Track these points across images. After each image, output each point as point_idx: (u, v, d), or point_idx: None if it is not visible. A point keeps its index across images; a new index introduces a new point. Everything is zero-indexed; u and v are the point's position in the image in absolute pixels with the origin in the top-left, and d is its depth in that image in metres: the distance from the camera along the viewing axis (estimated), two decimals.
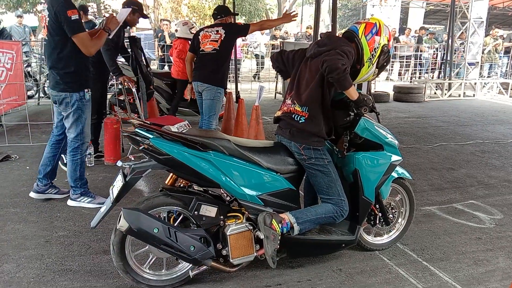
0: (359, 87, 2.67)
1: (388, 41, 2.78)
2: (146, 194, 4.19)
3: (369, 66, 2.77)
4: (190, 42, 6.94)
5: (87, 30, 3.63)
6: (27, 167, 4.91)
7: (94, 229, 3.37)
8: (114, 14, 3.94)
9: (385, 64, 2.85)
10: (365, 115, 2.82)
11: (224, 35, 4.73)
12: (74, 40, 3.44)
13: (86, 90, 3.65)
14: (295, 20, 5.00)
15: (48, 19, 3.48)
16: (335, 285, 2.76)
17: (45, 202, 3.91)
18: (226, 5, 5.87)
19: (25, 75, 8.69)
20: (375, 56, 2.75)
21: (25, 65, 8.92)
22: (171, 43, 9.13)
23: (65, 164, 4.45)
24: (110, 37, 3.87)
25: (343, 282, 2.80)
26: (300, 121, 2.70)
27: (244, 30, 4.87)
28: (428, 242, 3.39)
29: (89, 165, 4.95)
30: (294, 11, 5.04)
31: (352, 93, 2.60)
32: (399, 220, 3.28)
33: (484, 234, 3.56)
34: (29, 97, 9.06)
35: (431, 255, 3.19)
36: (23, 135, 6.24)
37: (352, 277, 2.86)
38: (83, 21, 8.30)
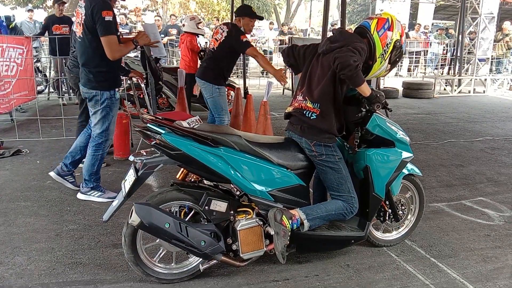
0: (368, 82, 2.66)
1: (401, 36, 2.75)
2: (155, 188, 4.22)
3: (381, 62, 2.75)
4: (197, 36, 6.99)
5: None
6: (38, 161, 4.97)
7: (106, 223, 3.43)
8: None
9: (397, 59, 2.83)
10: (377, 111, 2.81)
11: (223, 38, 4.69)
12: (102, 41, 3.45)
13: (116, 89, 3.72)
14: (283, 83, 4.80)
15: (84, 17, 3.49)
16: (343, 281, 2.77)
17: (55, 196, 3.96)
18: (247, 4, 5.56)
19: (34, 70, 8.77)
20: (387, 52, 2.73)
21: (34, 60, 8.98)
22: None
23: None
24: (135, 49, 3.89)
25: (350, 278, 2.80)
26: (311, 118, 2.69)
27: (240, 46, 4.60)
28: (436, 238, 3.38)
29: None
30: (287, 77, 4.80)
31: (365, 89, 2.59)
32: (409, 216, 3.27)
33: (493, 231, 3.54)
34: (38, 92, 9.14)
35: (439, 251, 3.18)
36: (33, 129, 6.31)
37: (360, 273, 2.86)
38: (57, 15, 8.39)
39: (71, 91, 8.09)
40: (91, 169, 3.81)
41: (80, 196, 3.90)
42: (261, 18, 5.15)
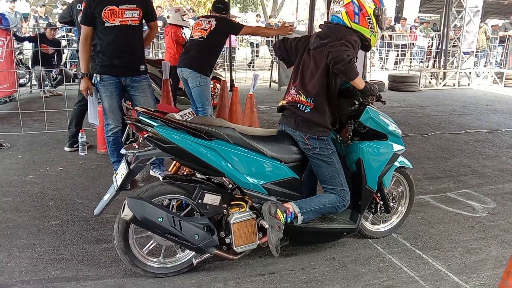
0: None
1: (374, 1, 2.68)
2: (140, 182, 4.16)
3: (375, 35, 2.74)
4: (181, 28, 6.91)
5: None
6: (19, 156, 4.86)
7: (90, 218, 3.38)
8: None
9: (384, 20, 2.78)
10: (371, 104, 2.79)
11: (214, 26, 4.74)
12: None
13: (97, 75, 3.77)
14: (292, 33, 4.86)
15: None
16: (329, 274, 2.76)
17: (37, 191, 3.88)
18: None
19: (17, 62, 8.58)
20: (373, 26, 2.69)
21: (17, 53, 8.80)
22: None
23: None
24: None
25: (336, 271, 2.80)
26: (305, 111, 2.67)
27: (236, 28, 4.84)
28: (421, 231, 3.40)
29: (81, 153, 4.92)
30: (293, 23, 4.98)
31: (359, 83, 2.57)
32: (400, 208, 3.29)
33: (477, 223, 3.57)
34: (21, 85, 8.96)
35: (424, 244, 3.20)
36: (15, 123, 6.17)
37: (346, 266, 2.86)
38: (48, 38, 8.45)
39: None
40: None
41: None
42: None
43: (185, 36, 7.16)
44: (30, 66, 9.38)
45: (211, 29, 4.72)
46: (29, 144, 5.30)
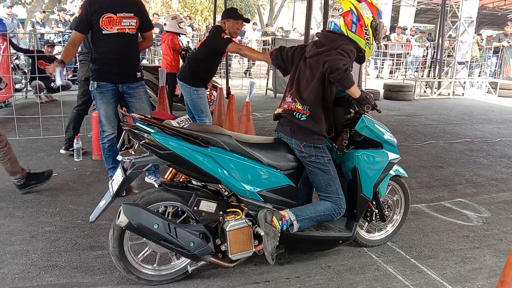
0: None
1: (373, 15, 2.71)
2: (135, 189, 4.15)
3: (370, 47, 2.76)
4: (178, 36, 6.93)
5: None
6: None
7: (84, 225, 3.36)
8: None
9: (381, 33, 2.81)
10: (366, 113, 2.80)
11: (205, 39, 4.59)
12: None
13: (93, 82, 3.79)
14: None
15: None
16: (324, 282, 2.76)
17: (31, 197, 3.86)
18: (233, 7, 5.45)
19: (13, 67, 8.58)
20: (369, 37, 2.72)
21: (14, 58, 8.79)
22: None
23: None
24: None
25: (331, 279, 2.80)
26: (301, 119, 2.69)
27: (220, 43, 4.28)
28: (416, 239, 3.40)
29: (76, 159, 4.90)
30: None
31: (354, 91, 2.59)
32: (395, 216, 3.30)
33: (471, 232, 3.59)
34: (17, 90, 8.94)
35: (419, 252, 3.20)
36: (10, 128, 6.13)
37: (341, 274, 2.86)
38: (46, 54, 8.51)
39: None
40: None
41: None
42: (247, 20, 4.86)
43: (182, 44, 7.19)
44: (27, 72, 9.39)
45: (202, 41, 4.63)
46: (24, 149, 5.28)
